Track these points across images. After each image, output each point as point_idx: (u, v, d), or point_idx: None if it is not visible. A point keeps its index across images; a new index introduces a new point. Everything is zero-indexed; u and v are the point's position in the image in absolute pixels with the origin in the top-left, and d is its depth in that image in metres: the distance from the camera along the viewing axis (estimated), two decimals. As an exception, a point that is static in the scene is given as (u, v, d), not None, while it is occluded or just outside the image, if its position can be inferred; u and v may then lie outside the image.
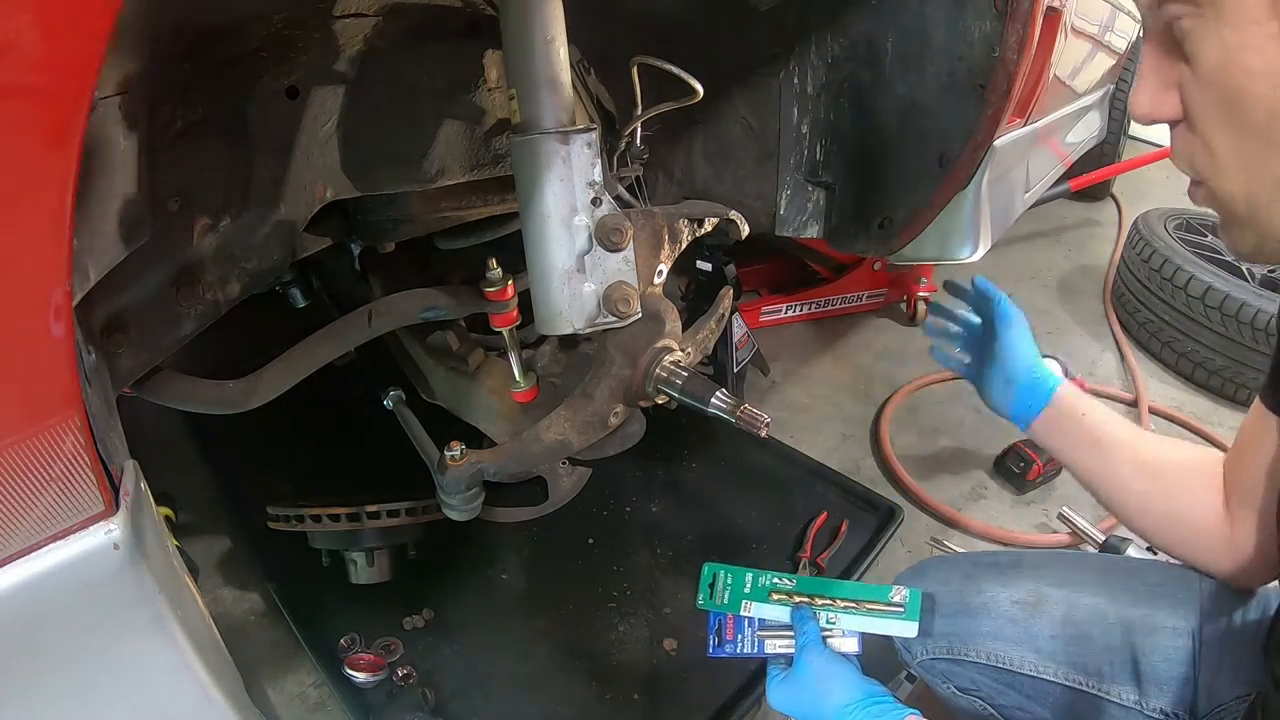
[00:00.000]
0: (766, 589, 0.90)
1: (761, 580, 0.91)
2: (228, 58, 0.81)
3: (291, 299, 1.33)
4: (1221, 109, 0.51)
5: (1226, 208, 0.55)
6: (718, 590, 0.92)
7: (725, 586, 0.92)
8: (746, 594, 0.90)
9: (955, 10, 0.93)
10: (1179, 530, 0.88)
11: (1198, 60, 0.51)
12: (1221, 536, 0.84)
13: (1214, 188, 0.55)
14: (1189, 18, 0.50)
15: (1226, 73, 0.50)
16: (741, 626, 0.89)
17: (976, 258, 1.21)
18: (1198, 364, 2.18)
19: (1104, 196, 3.53)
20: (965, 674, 0.93)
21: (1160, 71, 0.55)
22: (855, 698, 0.75)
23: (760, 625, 0.89)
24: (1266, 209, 0.53)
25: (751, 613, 0.89)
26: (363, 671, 1.27)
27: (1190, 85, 0.53)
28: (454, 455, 0.85)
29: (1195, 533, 0.86)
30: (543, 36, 0.73)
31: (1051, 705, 0.89)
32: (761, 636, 0.88)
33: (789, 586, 0.90)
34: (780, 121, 1.17)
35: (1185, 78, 0.53)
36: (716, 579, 0.93)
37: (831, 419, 2.11)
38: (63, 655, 0.53)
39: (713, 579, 0.93)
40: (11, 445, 0.45)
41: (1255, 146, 0.51)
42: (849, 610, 0.87)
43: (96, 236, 0.62)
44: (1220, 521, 0.84)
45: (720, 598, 0.91)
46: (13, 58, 0.37)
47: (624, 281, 0.80)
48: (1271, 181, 0.51)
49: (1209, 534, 0.85)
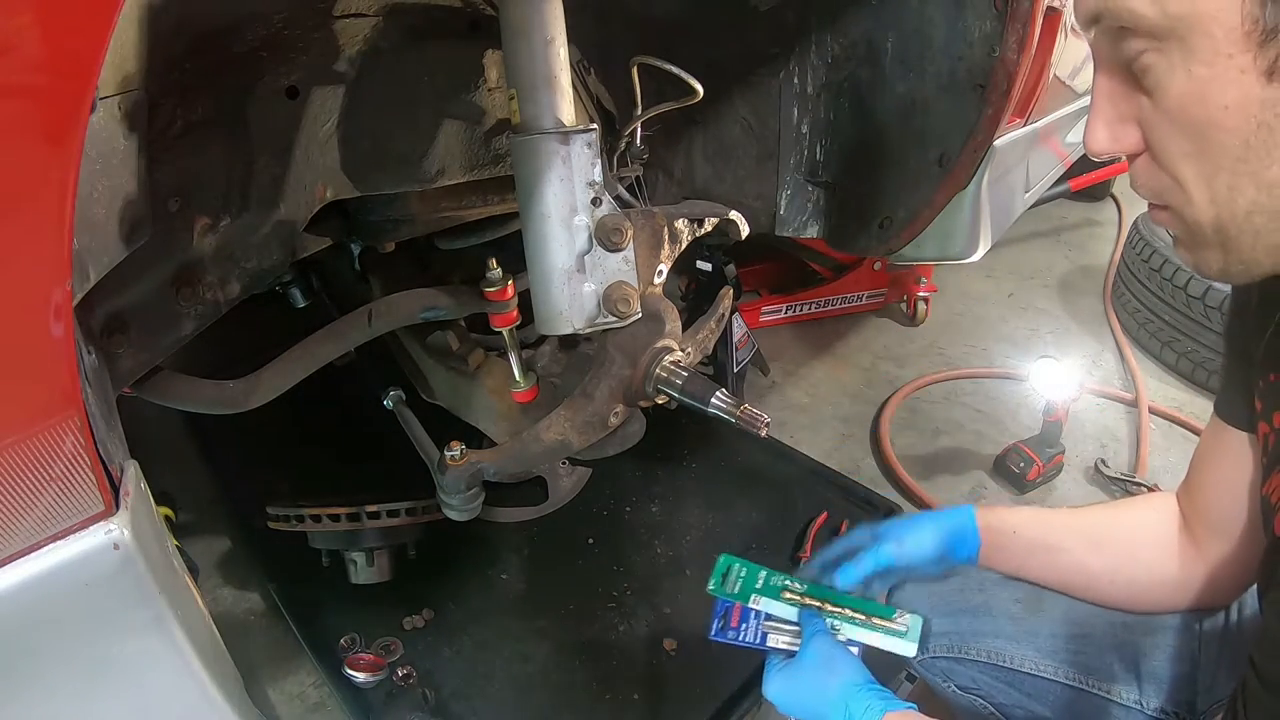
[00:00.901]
0: (778, 587, 0.91)
1: (774, 579, 0.92)
2: (228, 58, 0.81)
3: (291, 299, 1.33)
4: (1189, 141, 0.51)
5: (1193, 233, 0.55)
6: (730, 580, 0.93)
7: (738, 578, 0.93)
8: (758, 589, 0.91)
9: (955, 10, 0.93)
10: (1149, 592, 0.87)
11: (1163, 94, 0.50)
12: (1190, 573, 0.84)
13: (1181, 215, 0.54)
14: (1152, 52, 0.49)
15: (1197, 107, 0.49)
16: (747, 616, 0.90)
17: (976, 258, 1.21)
18: (1198, 364, 2.18)
19: (1104, 196, 3.53)
20: (966, 672, 0.93)
21: (1117, 105, 0.54)
22: (858, 680, 0.76)
23: (766, 618, 0.89)
24: (1236, 236, 0.53)
25: (760, 606, 0.89)
26: (363, 671, 1.27)
27: (1153, 118, 0.52)
28: (454, 455, 0.85)
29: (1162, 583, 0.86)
30: (543, 36, 0.73)
31: (1052, 704, 0.89)
32: (766, 629, 0.88)
33: (800, 589, 0.90)
34: (780, 121, 1.17)
35: (1146, 110, 0.52)
36: (731, 569, 0.94)
37: (831, 419, 2.11)
38: (63, 655, 0.53)
39: (727, 569, 0.94)
40: (11, 445, 0.45)
41: (1225, 177, 0.50)
42: (855, 622, 0.88)
43: (96, 236, 0.62)
44: (1181, 561, 0.84)
45: (731, 586, 0.92)
46: (13, 58, 0.37)
47: (624, 281, 0.80)
48: (1244, 208, 0.51)
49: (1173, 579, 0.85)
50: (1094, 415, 2.11)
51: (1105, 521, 0.91)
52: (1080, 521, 0.92)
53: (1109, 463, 1.88)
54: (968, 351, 2.42)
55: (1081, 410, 2.06)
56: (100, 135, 0.61)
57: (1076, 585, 0.90)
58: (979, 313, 2.66)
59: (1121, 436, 2.04)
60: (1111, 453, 1.97)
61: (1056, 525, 0.92)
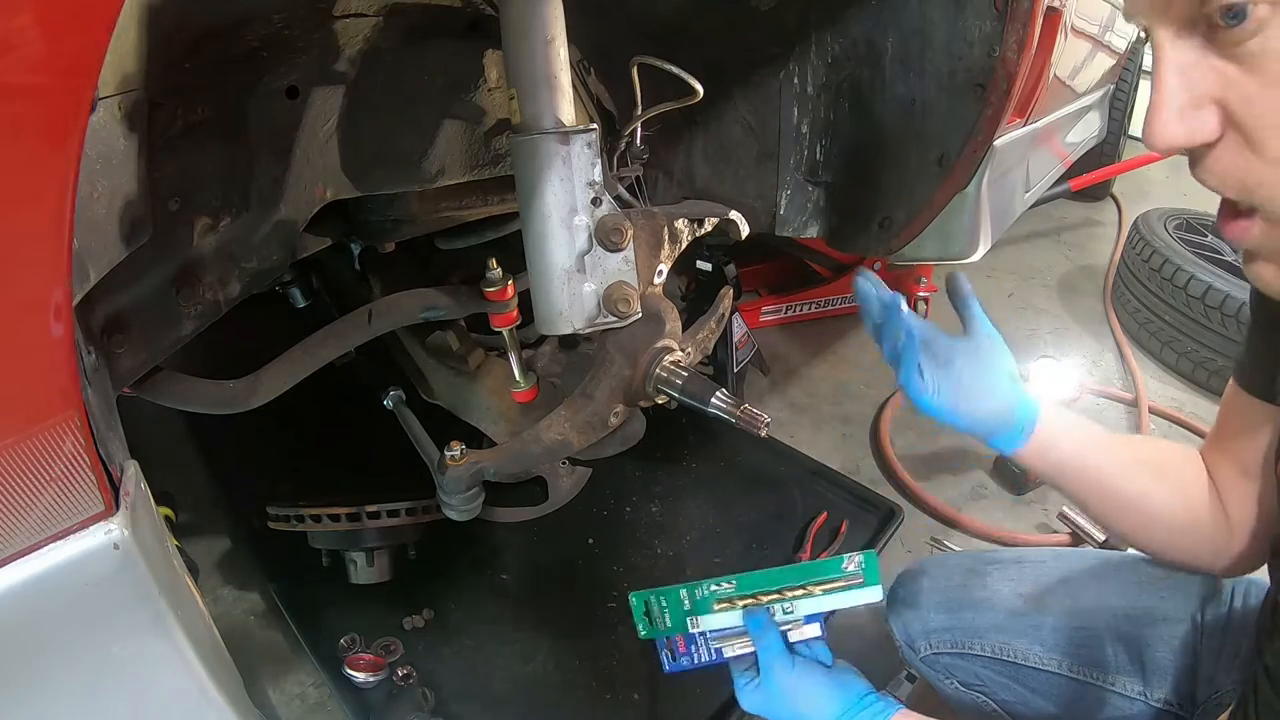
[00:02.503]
0: (708, 599, 0.81)
1: (698, 592, 0.82)
2: (228, 58, 0.81)
3: (291, 299, 1.33)
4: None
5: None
6: (655, 616, 0.84)
7: (662, 610, 0.84)
8: (688, 610, 0.82)
9: (955, 10, 0.93)
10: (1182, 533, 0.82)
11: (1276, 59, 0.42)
12: (1219, 527, 0.80)
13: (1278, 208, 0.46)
14: (1266, 4, 0.41)
15: None
16: (694, 639, 0.83)
17: (976, 258, 1.21)
18: (1198, 364, 2.18)
19: (1104, 196, 3.53)
20: (969, 668, 0.93)
21: (1192, 84, 0.45)
22: (837, 710, 0.72)
23: (712, 635, 0.83)
24: None
25: (700, 627, 0.82)
26: (363, 671, 1.27)
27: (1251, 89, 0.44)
28: (454, 455, 0.85)
29: (1195, 529, 0.81)
30: (543, 36, 0.73)
31: (1055, 698, 0.89)
32: (717, 645, 0.83)
33: (730, 590, 0.81)
34: (780, 121, 1.17)
35: (1237, 83, 0.44)
36: (650, 605, 0.84)
37: (831, 419, 2.11)
38: (62, 655, 0.53)
39: (645, 607, 0.84)
40: (11, 445, 0.45)
41: None
42: (802, 597, 0.79)
43: (96, 236, 0.62)
44: (1214, 513, 0.80)
45: (660, 623, 0.84)
46: (13, 58, 0.37)
47: (624, 281, 0.80)
48: None
49: (1208, 526, 0.80)
50: (1094, 415, 2.11)
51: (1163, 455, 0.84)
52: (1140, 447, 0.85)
53: (1109, 463, 1.88)
54: (968, 351, 2.42)
55: (1082, 410, 2.05)
56: (100, 135, 0.61)
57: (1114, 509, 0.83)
58: (979, 313, 2.65)
59: (1121, 436, 2.04)
60: (1111, 453, 1.96)
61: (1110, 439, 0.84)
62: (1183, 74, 0.45)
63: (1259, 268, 0.50)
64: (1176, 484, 0.82)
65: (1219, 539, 0.80)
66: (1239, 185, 0.47)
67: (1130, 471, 0.82)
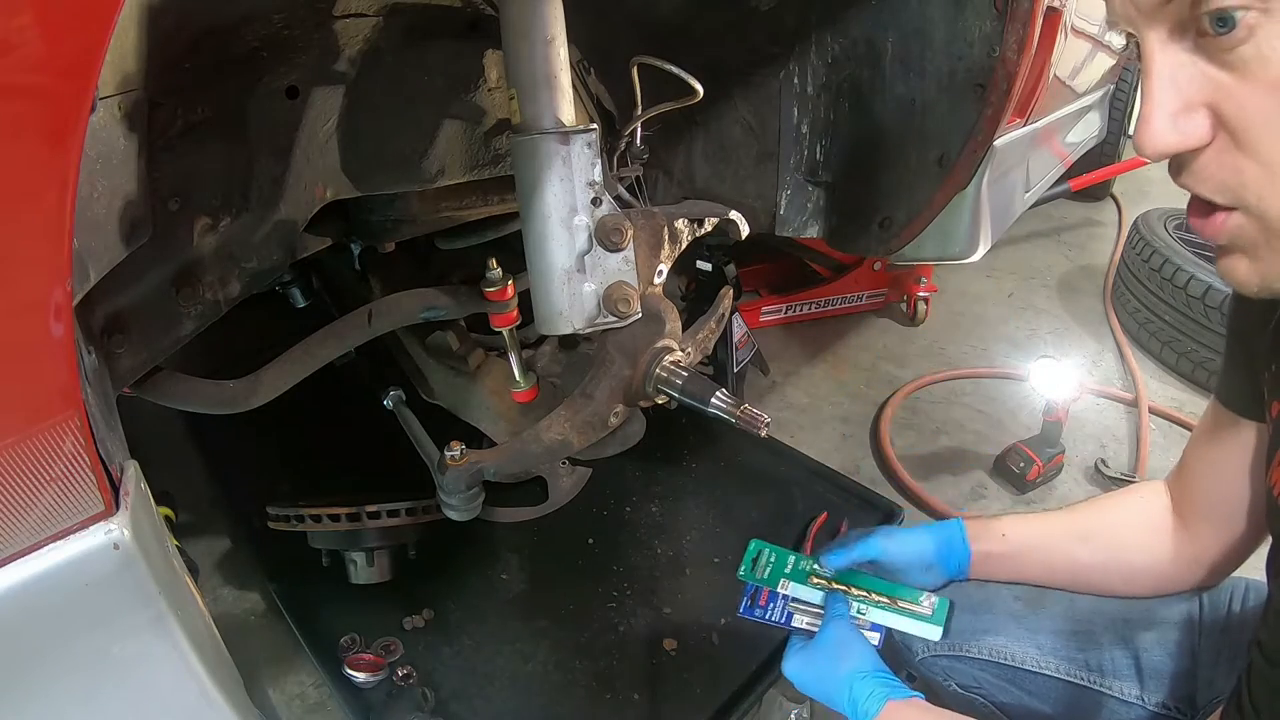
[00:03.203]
0: (806, 572, 0.95)
1: (803, 564, 0.96)
2: (228, 58, 0.81)
3: (291, 299, 1.33)
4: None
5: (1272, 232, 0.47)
6: (760, 565, 0.97)
7: (768, 563, 0.97)
8: (787, 573, 0.95)
9: (955, 10, 0.93)
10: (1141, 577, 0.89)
11: (1263, 63, 0.42)
12: (1181, 556, 0.86)
13: (1260, 210, 0.47)
14: (1257, 12, 0.41)
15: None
16: (775, 597, 0.94)
17: (976, 258, 1.21)
18: (1198, 364, 2.18)
19: (1104, 196, 3.53)
20: (967, 671, 0.93)
21: (1182, 89, 0.46)
22: (869, 667, 0.78)
23: (793, 600, 0.93)
24: None
25: (788, 590, 0.94)
26: (363, 671, 1.27)
27: (1241, 94, 0.44)
28: (454, 455, 0.85)
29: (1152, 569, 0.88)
30: (543, 36, 0.73)
31: (1053, 701, 0.89)
32: (792, 609, 0.92)
33: (827, 574, 0.94)
34: (780, 121, 1.17)
35: (1226, 88, 0.44)
36: (761, 555, 0.98)
37: (831, 419, 2.11)
38: (62, 656, 0.53)
39: (757, 554, 0.98)
40: (11, 445, 0.45)
41: None
42: (880, 605, 0.91)
43: (96, 236, 0.62)
44: (1174, 544, 0.86)
45: (761, 572, 0.96)
46: (13, 58, 0.37)
47: (624, 281, 0.80)
48: None
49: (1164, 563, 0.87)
50: (1094, 415, 2.11)
51: (1091, 515, 0.93)
52: (1066, 517, 0.94)
53: (1109, 463, 1.88)
54: (968, 351, 2.42)
55: (1081, 410, 2.06)
56: (100, 135, 0.61)
57: (1068, 579, 0.92)
58: (979, 313, 2.66)
59: (1121, 436, 2.04)
60: (1111, 453, 1.97)
61: (1043, 524, 0.94)
62: (1173, 80, 0.46)
63: (1233, 261, 0.50)
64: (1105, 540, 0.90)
65: (1182, 561, 0.86)
66: (1227, 188, 0.47)
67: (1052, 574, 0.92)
